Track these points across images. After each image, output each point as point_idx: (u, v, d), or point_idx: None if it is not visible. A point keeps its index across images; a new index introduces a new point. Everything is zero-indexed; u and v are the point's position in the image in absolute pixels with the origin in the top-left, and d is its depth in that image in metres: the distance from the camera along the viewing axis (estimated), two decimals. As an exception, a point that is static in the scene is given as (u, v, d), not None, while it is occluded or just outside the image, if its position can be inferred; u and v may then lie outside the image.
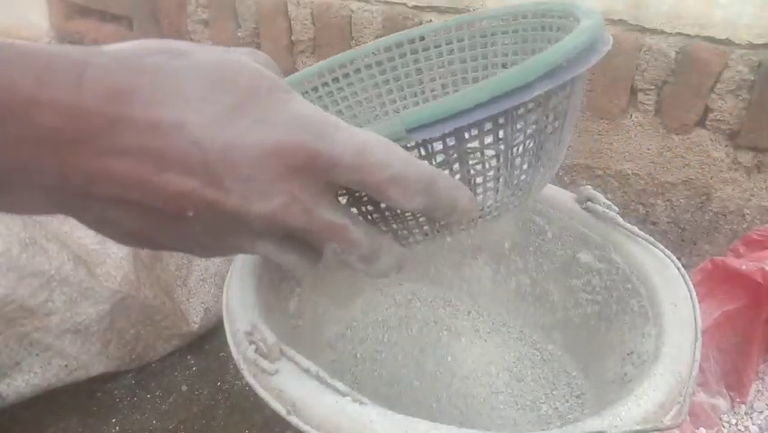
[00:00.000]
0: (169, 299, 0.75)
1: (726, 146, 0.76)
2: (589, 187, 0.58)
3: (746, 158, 0.76)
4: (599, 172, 0.84)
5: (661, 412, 0.38)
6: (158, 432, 0.70)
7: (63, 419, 0.70)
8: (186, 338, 0.78)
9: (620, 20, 0.74)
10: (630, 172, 0.82)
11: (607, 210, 0.55)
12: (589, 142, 0.82)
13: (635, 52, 0.74)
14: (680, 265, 0.49)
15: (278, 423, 0.69)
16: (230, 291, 0.44)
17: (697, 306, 0.45)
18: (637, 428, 0.35)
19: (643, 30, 0.73)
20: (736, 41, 0.70)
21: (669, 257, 0.50)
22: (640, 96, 0.77)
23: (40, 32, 1.09)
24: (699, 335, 0.43)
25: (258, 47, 0.94)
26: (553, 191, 0.62)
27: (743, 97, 0.72)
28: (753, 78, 0.70)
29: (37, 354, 0.64)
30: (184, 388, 0.75)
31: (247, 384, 0.41)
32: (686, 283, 0.47)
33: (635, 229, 0.54)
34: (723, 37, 0.70)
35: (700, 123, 0.76)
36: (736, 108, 0.73)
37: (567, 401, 0.57)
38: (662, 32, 0.72)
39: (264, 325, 0.38)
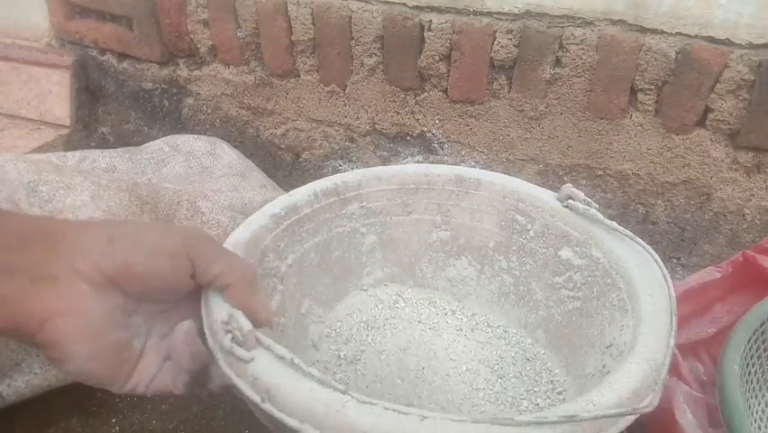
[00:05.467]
0: (168, 299, 0.75)
1: (726, 146, 0.76)
2: (570, 185, 0.58)
3: (746, 158, 0.76)
4: (599, 172, 0.84)
5: (635, 398, 0.38)
6: (158, 432, 0.70)
7: (63, 419, 0.70)
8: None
9: (620, 20, 0.74)
10: (630, 172, 0.82)
11: (587, 207, 0.56)
12: (589, 143, 0.82)
13: (635, 52, 0.74)
14: (657, 257, 0.50)
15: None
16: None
17: (673, 294, 0.46)
18: (610, 411, 0.35)
19: (643, 30, 0.73)
20: (736, 41, 0.70)
21: (646, 249, 0.51)
22: (640, 96, 0.77)
23: (40, 32, 1.09)
24: (675, 322, 0.44)
25: (258, 47, 0.94)
26: (534, 191, 0.62)
27: (743, 97, 0.72)
28: (753, 78, 0.70)
29: (37, 355, 0.64)
30: (184, 388, 0.75)
31: None
32: (662, 273, 0.48)
33: (614, 224, 0.54)
34: (723, 37, 0.70)
35: (700, 123, 0.76)
36: (736, 108, 0.73)
37: (548, 397, 0.57)
38: (662, 32, 0.72)
39: (240, 313, 0.38)
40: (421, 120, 0.90)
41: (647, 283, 0.48)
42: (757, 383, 0.58)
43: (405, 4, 0.81)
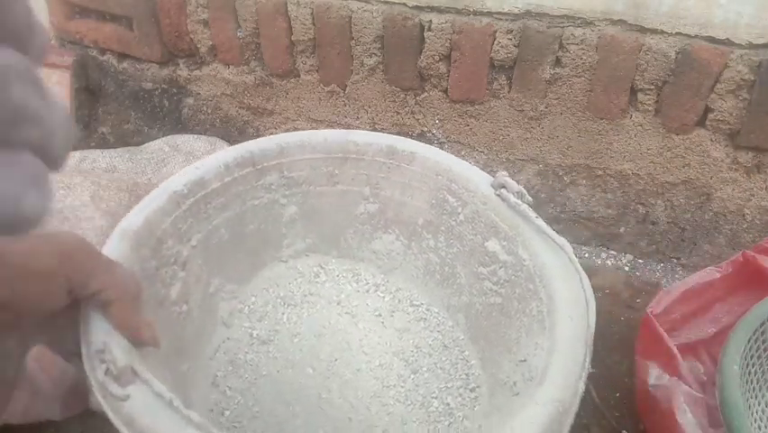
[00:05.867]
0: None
1: (726, 146, 0.76)
2: (505, 173, 0.55)
3: (746, 158, 0.76)
4: (599, 172, 0.84)
5: None
6: (158, 432, 0.70)
7: (63, 419, 0.70)
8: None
9: (620, 20, 0.74)
10: (630, 172, 0.82)
11: (518, 201, 0.53)
12: (588, 143, 0.82)
13: (635, 52, 0.74)
14: (583, 275, 0.47)
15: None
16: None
17: (592, 324, 0.43)
18: None
19: (643, 30, 0.73)
20: (736, 41, 0.70)
21: (574, 263, 0.48)
22: (640, 96, 0.77)
23: (40, 32, 1.09)
24: (588, 358, 0.42)
25: (258, 47, 0.94)
26: (468, 172, 0.58)
27: (743, 97, 0.72)
28: (753, 78, 0.70)
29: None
30: (184, 388, 0.75)
31: None
32: (586, 296, 0.45)
33: (545, 226, 0.51)
34: (723, 37, 0.70)
35: (700, 123, 0.76)
36: (736, 108, 0.73)
37: (460, 396, 0.55)
38: (662, 32, 0.72)
39: (115, 342, 0.35)
40: (421, 120, 0.90)
41: (569, 303, 0.46)
42: (757, 383, 0.58)
43: (405, 4, 0.81)
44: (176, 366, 0.48)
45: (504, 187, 0.54)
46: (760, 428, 0.57)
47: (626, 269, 0.87)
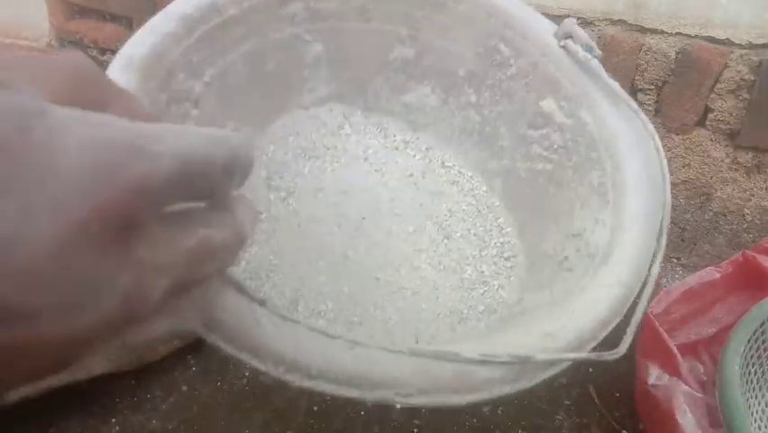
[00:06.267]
0: (168, 299, 0.75)
1: (726, 146, 0.76)
2: (574, 20, 0.47)
3: (746, 158, 0.76)
4: (599, 172, 0.84)
5: (599, 332, 0.32)
6: (158, 432, 0.70)
7: (63, 419, 0.70)
8: (186, 338, 0.78)
9: (620, 20, 0.73)
10: (630, 172, 0.82)
11: (587, 54, 0.46)
12: (589, 142, 0.82)
13: (635, 52, 0.74)
14: (659, 146, 0.40)
15: (278, 423, 0.69)
16: None
17: (668, 202, 0.37)
18: (569, 356, 0.30)
19: (643, 30, 0.73)
20: (736, 41, 0.70)
21: (650, 134, 0.41)
22: (640, 96, 0.77)
23: (40, 32, 1.09)
24: (663, 240, 0.37)
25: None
26: (529, 17, 0.51)
27: (743, 97, 0.72)
28: (753, 78, 0.70)
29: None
30: (184, 388, 0.75)
31: (247, 384, 0.37)
32: (662, 170, 0.39)
33: (618, 87, 0.44)
34: (723, 37, 0.70)
35: (700, 123, 0.76)
36: (736, 108, 0.73)
37: (495, 264, 0.50)
38: (662, 32, 0.72)
39: None
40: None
41: (640, 177, 0.40)
42: (757, 383, 0.58)
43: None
44: None
45: (570, 37, 0.47)
46: (760, 428, 0.57)
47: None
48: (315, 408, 0.70)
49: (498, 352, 0.28)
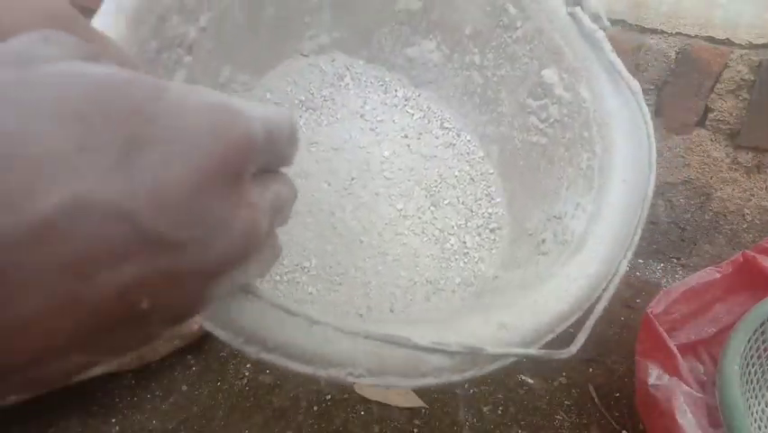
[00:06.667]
0: (168, 299, 0.75)
1: (727, 146, 0.76)
2: None
3: (746, 158, 0.76)
4: (599, 172, 0.84)
5: (557, 325, 0.32)
6: (158, 432, 0.70)
7: (63, 419, 0.70)
8: (186, 338, 0.78)
9: (620, 20, 0.74)
10: (630, 172, 0.82)
11: (593, 25, 0.44)
12: (589, 142, 0.82)
13: (635, 52, 0.74)
14: (651, 132, 0.39)
15: (278, 423, 0.69)
16: None
17: (650, 195, 0.37)
18: (518, 351, 0.30)
19: (643, 30, 0.73)
20: (736, 41, 0.70)
21: (644, 116, 0.40)
22: (640, 96, 0.77)
23: (40, 32, 1.09)
24: (638, 235, 0.36)
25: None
26: None
27: (743, 97, 0.72)
28: (753, 78, 0.70)
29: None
30: (184, 388, 0.75)
31: (247, 384, 0.37)
32: (650, 159, 0.39)
33: (619, 63, 0.43)
34: (723, 37, 0.70)
35: (700, 123, 0.76)
36: (736, 108, 0.73)
37: (479, 235, 0.50)
38: (662, 32, 0.72)
39: None
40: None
41: (627, 164, 0.40)
42: (757, 383, 0.58)
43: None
44: None
45: (579, 5, 0.45)
46: (760, 428, 0.57)
47: (626, 269, 0.87)
48: (315, 408, 0.70)
49: (449, 341, 0.28)
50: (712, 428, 0.53)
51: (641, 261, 0.88)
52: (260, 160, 0.18)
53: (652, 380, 0.57)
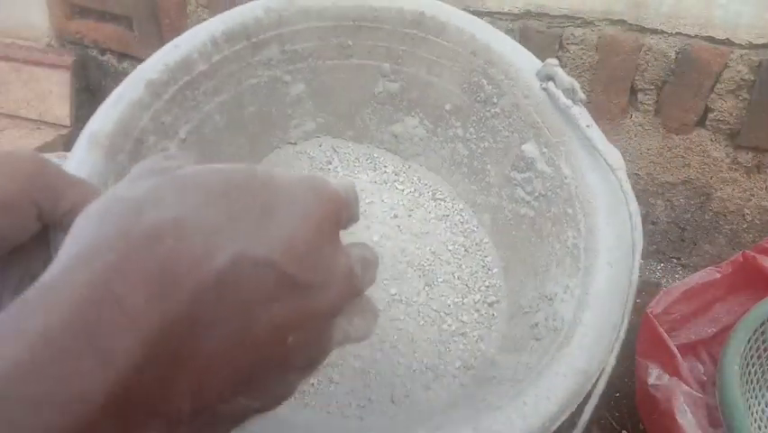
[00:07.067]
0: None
1: (727, 146, 0.76)
2: (555, 61, 0.45)
3: (746, 158, 0.76)
4: (599, 172, 0.84)
5: (549, 426, 0.33)
6: None
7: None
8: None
9: (620, 20, 0.73)
10: (630, 172, 0.82)
11: (568, 101, 0.44)
12: (589, 142, 0.82)
13: (635, 52, 0.74)
14: (635, 209, 0.39)
15: (278, 423, 0.69)
16: None
17: (635, 278, 0.37)
18: None
19: (643, 30, 0.73)
20: (736, 41, 0.70)
21: (625, 193, 0.40)
22: (640, 96, 0.77)
23: (40, 32, 1.09)
24: (625, 324, 0.36)
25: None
26: (512, 54, 0.48)
27: (743, 97, 0.72)
28: (753, 78, 0.70)
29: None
30: (184, 388, 0.75)
31: None
32: (633, 238, 0.39)
33: (597, 138, 0.42)
34: (723, 37, 0.70)
35: (700, 123, 0.76)
36: (736, 108, 0.73)
37: (477, 311, 0.49)
38: (662, 32, 0.72)
39: None
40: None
41: (611, 246, 0.39)
42: (757, 383, 0.58)
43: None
44: None
45: (552, 79, 0.44)
46: (760, 428, 0.57)
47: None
48: (315, 408, 0.70)
49: None
50: (712, 428, 0.53)
51: (641, 261, 0.88)
52: (344, 214, 0.22)
53: (652, 380, 0.57)
